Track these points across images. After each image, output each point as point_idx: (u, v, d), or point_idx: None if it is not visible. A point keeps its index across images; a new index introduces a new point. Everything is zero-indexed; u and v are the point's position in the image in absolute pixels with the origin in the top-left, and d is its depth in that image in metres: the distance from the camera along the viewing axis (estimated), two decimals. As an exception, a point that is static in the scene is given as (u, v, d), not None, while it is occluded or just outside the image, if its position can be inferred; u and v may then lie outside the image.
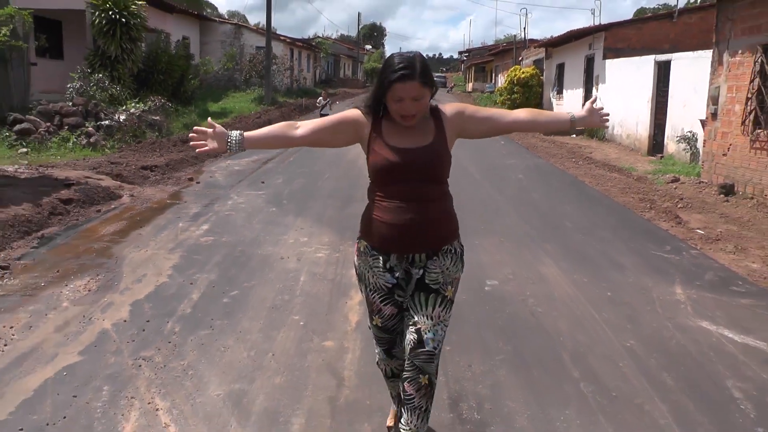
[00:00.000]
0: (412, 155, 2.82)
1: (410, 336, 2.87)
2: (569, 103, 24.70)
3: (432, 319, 2.88)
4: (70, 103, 14.92)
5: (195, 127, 2.88)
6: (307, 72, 48.98)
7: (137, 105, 16.24)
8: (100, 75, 17.07)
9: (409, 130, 2.85)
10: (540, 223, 8.54)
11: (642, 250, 7.31)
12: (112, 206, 8.72)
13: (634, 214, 9.47)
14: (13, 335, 4.56)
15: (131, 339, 4.52)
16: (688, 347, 4.69)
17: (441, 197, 2.93)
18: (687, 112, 14.64)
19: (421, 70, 2.74)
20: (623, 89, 19.02)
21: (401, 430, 2.87)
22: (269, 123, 20.75)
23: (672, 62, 16.04)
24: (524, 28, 64.06)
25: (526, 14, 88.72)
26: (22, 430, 3.40)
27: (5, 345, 4.41)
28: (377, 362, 3.24)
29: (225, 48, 32.98)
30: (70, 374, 4.01)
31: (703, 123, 12.51)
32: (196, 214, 8.36)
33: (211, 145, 2.83)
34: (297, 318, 5.03)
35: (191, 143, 2.89)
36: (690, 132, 14.17)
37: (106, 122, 14.63)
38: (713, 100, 12.16)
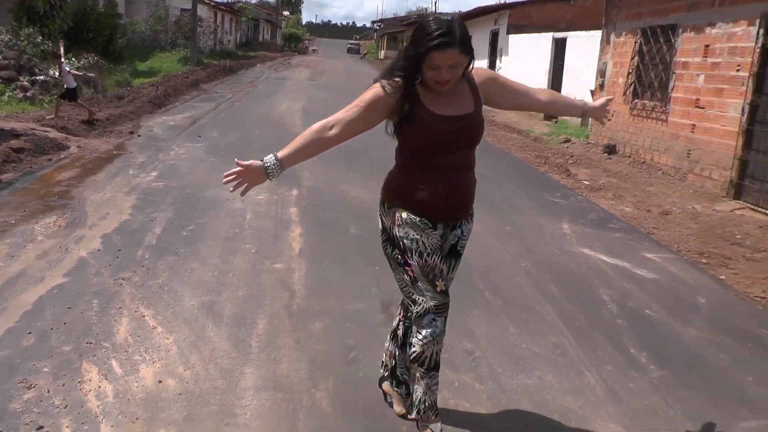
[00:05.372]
0: (460, 124, 2.63)
1: None
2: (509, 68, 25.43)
3: (451, 281, 2.88)
4: (1, 57, 14.61)
5: (225, 174, 2.63)
6: (230, 35, 48.25)
7: (70, 61, 16.05)
8: (31, 30, 16.71)
9: (449, 97, 2.63)
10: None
11: (537, 197, 8.18)
12: (62, 156, 8.88)
13: (531, 168, 10.36)
14: (-2, 263, 4.85)
15: (108, 264, 4.94)
16: (570, 267, 5.55)
17: (474, 163, 2.81)
18: (579, 83, 15.67)
19: (461, 36, 2.46)
20: (524, 62, 19.98)
21: (397, 372, 3.09)
22: (197, 82, 20.93)
23: (568, 39, 17.07)
24: (435, 3, 64.65)
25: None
26: (30, 333, 3.78)
27: (-7, 271, 4.69)
28: (419, 354, 2.75)
29: (151, 9, 32.20)
30: (60, 292, 4.38)
31: (592, 93, 13.48)
32: (143, 163, 8.66)
33: (252, 182, 2.64)
34: (249, 246, 5.56)
35: (230, 190, 2.66)
36: (581, 100, 15.14)
37: (41, 77, 14.44)
38: (601, 73, 13.19)
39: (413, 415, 2.90)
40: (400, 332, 3.06)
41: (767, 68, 8.33)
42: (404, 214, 2.69)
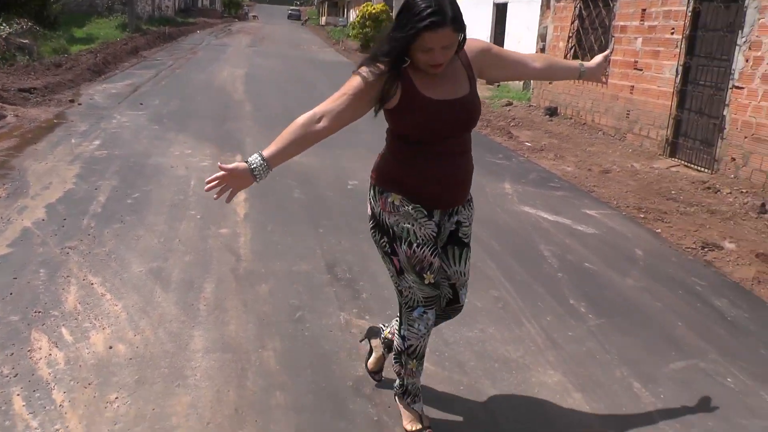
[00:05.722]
0: (456, 107, 2.45)
1: (444, 290, 2.75)
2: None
3: (464, 275, 2.75)
4: None
5: (207, 180, 2.41)
6: (169, 1, 47.02)
7: (1, 27, 15.51)
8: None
9: (442, 78, 2.44)
10: (396, 138, 9.33)
11: (479, 158, 8.18)
12: (-1, 125, 8.71)
13: (474, 131, 10.48)
14: (-65, 234, 4.74)
15: (54, 234, 4.90)
16: (512, 225, 5.71)
17: (471, 146, 2.64)
18: (521, 47, 15.78)
19: (452, 14, 2.26)
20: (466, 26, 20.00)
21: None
22: (136, 50, 20.48)
23: (508, 4, 17.19)
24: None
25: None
26: (-25, 303, 3.76)
27: (-70, 242, 4.60)
28: (414, 348, 2.69)
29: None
30: (4, 262, 4.33)
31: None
32: (85, 132, 8.49)
33: (237, 185, 2.43)
34: (194, 213, 5.56)
35: (214, 197, 2.46)
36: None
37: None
38: (542, 37, 13.38)
39: (397, 390, 2.90)
40: None
41: (698, 31, 8.59)
42: (397, 201, 2.54)
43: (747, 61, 7.60)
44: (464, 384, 3.25)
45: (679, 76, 8.84)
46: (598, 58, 3.01)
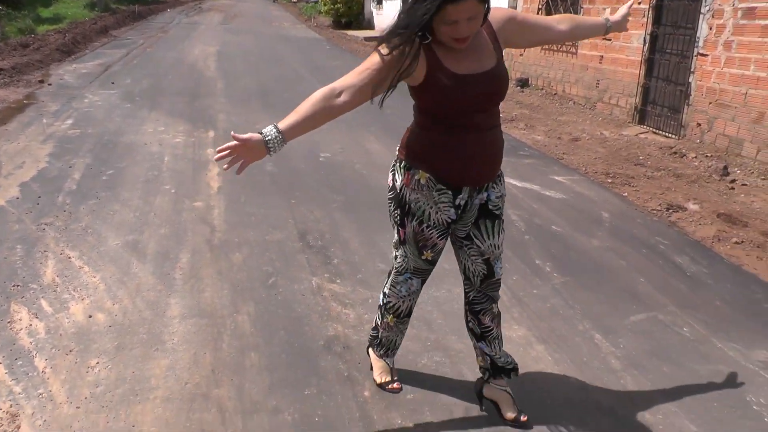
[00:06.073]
0: (485, 81, 2.35)
1: (478, 267, 2.64)
2: (389, 13, 25.30)
3: (498, 248, 2.64)
4: None
5: (218, 149, 2.29)
6: (137, -22, 46.30)
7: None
8: None
9: (468, 52, 2.33)
10: (363, 112, 9.38)
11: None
12: (-32, 107, 8.64)
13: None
14: None
15: (29, 211, 4.97)
16: (481, 192, 5.85)
17: (499, 120, 2.55)
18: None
19: None
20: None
21: (497, 362, 2.79)
22: (106, 29, 20.28)
23: (479, -30, 17.16)
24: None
25: None
26: (-50, 279, 3.82)
27: None
28: (393, 304, 2.82)
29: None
30: None
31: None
32: (57, 111, 8.50)
33: (249, 157, 2.33)
34: (168, 187, 5.65)
35: (225, 167, 2.37)
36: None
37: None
38: (511, 8, 13.40)
39: (377, 354, 3.02)
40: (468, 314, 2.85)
41: (664, 0, 8.74)
42: (423, 180, 2.47)
43: (710, 29, 7.76)
44: (431, 340, 3.40)
45: (647, 45, 8.98)
46: (623, 9, 2.89)
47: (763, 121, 7.05)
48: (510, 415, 2.78)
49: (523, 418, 2.76)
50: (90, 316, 3.49)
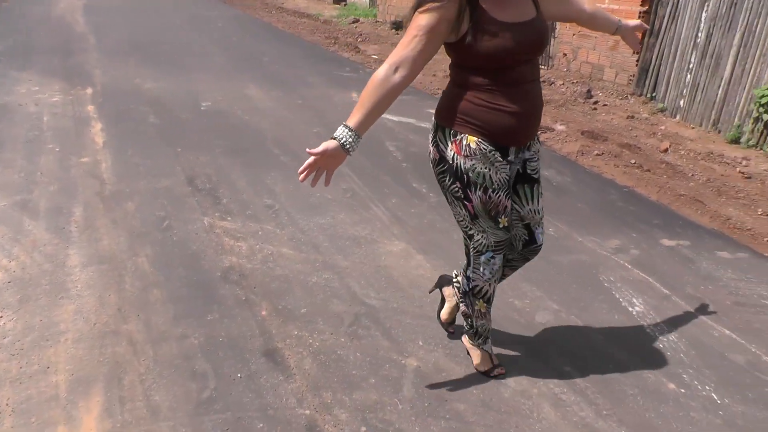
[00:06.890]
0: (528, 30, 2.31)
1: (519, 231, 2.65)
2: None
3: (538, 213, 2.62)
4: None
5: (300, 171, 2.25)
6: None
7: None
8: None
9: (510, 1, 2.31)
10: (242, 60, 9.53)
11: (327, 72, 8.72)
12: None
13: (321, 48, 10.81)
14: None
15: None
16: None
17: (540, 73, 2.49)
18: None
19: None
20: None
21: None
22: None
23: None
24: None
25: None
26: None
27: None
28: (480, 288, 2.67)
29: None
30: None
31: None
32: None
33: (332, 166, 2.29)
34: (52, 146, 5.62)
35: (312, 185, 2.36)
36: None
37: None
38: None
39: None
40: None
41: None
42: (473, 144, 2.38)
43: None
44: (319, 261, 3.74)
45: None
46: (635, 22, 2.91)
47: (618, 48, 7.85)
48: (444, 315, 3.10)
49: (451, 330, 3.12)
50: (-13, 275, 3.58)
